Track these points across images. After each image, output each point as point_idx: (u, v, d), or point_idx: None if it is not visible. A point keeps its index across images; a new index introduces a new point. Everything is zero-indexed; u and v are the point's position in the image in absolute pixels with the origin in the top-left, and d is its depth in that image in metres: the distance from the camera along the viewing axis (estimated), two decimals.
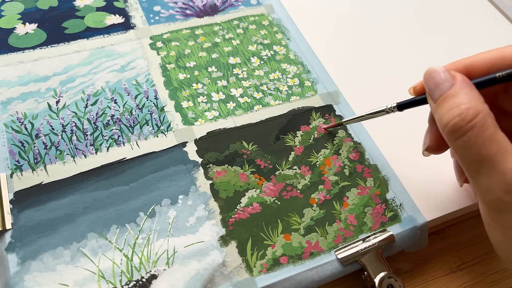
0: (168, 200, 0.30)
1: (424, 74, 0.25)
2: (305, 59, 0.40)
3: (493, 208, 0.22)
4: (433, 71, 0.24)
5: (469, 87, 0.23)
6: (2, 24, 0.39)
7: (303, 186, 0.32)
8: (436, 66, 0.24)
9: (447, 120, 0.22)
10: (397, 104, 0.28)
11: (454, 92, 0.22)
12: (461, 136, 0.22)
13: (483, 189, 0.22)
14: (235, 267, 0.28)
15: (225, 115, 0.35)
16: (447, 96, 0.23)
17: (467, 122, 0.21)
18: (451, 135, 0.22)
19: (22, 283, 0.26)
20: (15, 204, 0.29)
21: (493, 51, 0.24)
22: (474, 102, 0.22)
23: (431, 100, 0.24)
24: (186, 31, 0.41)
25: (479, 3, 0.47)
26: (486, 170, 0.21)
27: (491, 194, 0.21)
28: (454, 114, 0.22)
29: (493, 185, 0.21)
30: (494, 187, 0.21)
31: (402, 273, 0.31)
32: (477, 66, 0.24)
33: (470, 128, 0.21)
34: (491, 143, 0.21)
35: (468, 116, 0.21)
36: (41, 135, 0.32)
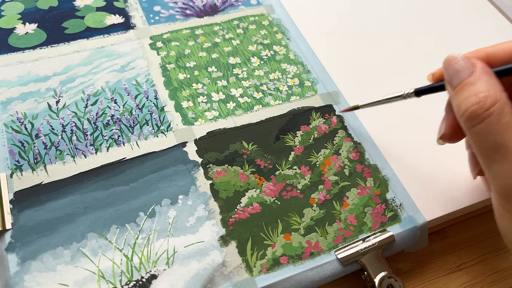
0: (168, 200, 0.30)
1: (444, 61, 0.25)
2: (305, 59, 0.40)
3: (505, 196, 0.22)
4: (453, 58, 0.24)
5: (488, 75, 0.23)
6: (2, 24, 0.39)
7: (303, 186, 0.32)
8: (456, 53, 0.24)
9: (465, 107, 0.22)
10: (415, 90, 0.28)
11: (473, 79, 0.23)
12: (478, 123, 0.22)
13: (496, 176, 0.22)
14: (235, 267, 0.28)
15: (225, 115, 0.35)
16: (466, 84, 0.23)
17: (485, 110, 0.21)
18: (468, 122, 0.22)
19: (22, 283, 0.26)
20: (15, 204, 0.29)
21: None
22: (492, 90, 0.22)
23: (450, 87, 0.24)
24: (186, 31, 0.41)
25: (479, 3, 0.47)
26: (500, 157, 0.21)
27: (503, 181, 0.21)
28: (473, 101, 0.22)
29: (506, 172, 0.21)
30: (506, 175, 0.21)
31: (402, 273, 0.31)
32: (498, 54, 0.24)
33: (487, 116, 0.21)
34: (507, 131, 0.21)
35: (486, 104, 0.21)
36: (41, 135, 0.32)
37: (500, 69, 0.24)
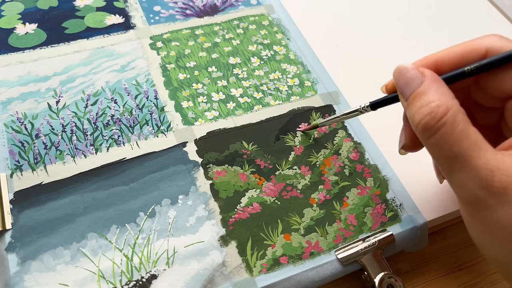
0: (168, 200, 0.30)
1: (394, 71, 0.24)
2: (305, 59, 0.40)
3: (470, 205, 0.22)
4: (402, 69, 0.24)
5: (438, 83, 0.22)
6: (2, 24, 0.39)
7: (303, 186, 0.32)
8: (405, 63, 0.24)
9: (418, 119, 0.22)
10: (370, 104, 0.28)
11: (423, 89, 0.22)
12: (432, 134, 0.21)
13: (458, 186, 0.22)
14: (235, 267, 0.28)
15: (225, 115, 0.35)
16: (417, 94, 0.22)
17: (438, 120, 0.21)
18: (423, 134, 0.22)
19: (22, 283, 0.26)
20: (15, 204, 0.29)
21: (462, 45, 0.24)
22: (444, 99, 0.22)
23: (403, 98, 0.24)
24: (186, 31, 0.41)
25: (479, 3, 0.47)
26: (459, 167, 0.21)
27: (466, 191, 0.21)
28: (425, 112, 0.22)
29: (467, 181, 0.21)
30: (468, 184, 0.21)
31: (402, 273, 0.31)
32: (446, 60, 0.24)
33: (441, 126, 0.21)
34: (462, 139, 0.21)
35: (438, 114, 0.21)
36: (41, 135, 0.32)
37: (448, 76, 0.23)
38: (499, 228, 0.20)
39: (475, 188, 0.20)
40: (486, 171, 0.20)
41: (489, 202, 0.20)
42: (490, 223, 0.21)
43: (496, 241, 0.21)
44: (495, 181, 0.20)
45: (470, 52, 0.24)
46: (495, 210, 0.20)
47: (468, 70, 0.23)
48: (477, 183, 0.20)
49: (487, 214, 0.21)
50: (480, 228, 0.22)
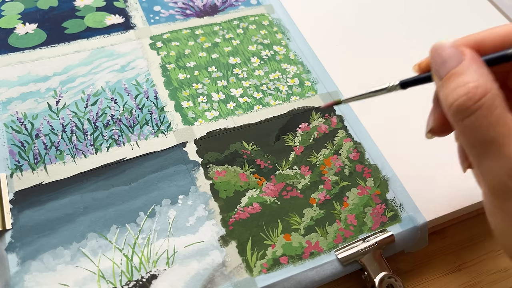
0: (168, 200, 0.30)
1: (431, 48, 0.23)
2: (305, 59, 0.40)
3: (496, 193, 0.21)
4: (440, 46, 0.22)
5: (478, 64, 0.21)
6: (2, 24, 0.39)
7: (303, 186, 0.32)
8: (444, 40, 0.23)
9: (453, 99, 0.21)
10: (400, 82, 0.26)
11: (462, 69, 0.21)
12: (467, 116, 0.20)
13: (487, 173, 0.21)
14: (235, 267, 0.28)
15: (225, 115, 0.35)
16: (454, 74, 0.21)
17: (475, 101, 0.20)
18: (457, 115, 0.21)
19: (22, 283, 0.26)
20: (15, 204, 0.29)
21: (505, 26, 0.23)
22: (483, 80, 0.20)
23: (437, 78, 0.23)
24: (186, 31, 0.41)
25: (479, 3, 0.47)
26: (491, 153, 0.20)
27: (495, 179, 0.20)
28: (461, 93, 0.20)
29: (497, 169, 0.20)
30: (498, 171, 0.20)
31: (402, 273, 0.31)
32: (488, 41, 0.23)
33: (478, 108, 0.20)
34: (499, 125, 0.20)
35: (477, 96, 0.20)
36: (41, 135, 0.32)
37: (490, 57, 0.22)
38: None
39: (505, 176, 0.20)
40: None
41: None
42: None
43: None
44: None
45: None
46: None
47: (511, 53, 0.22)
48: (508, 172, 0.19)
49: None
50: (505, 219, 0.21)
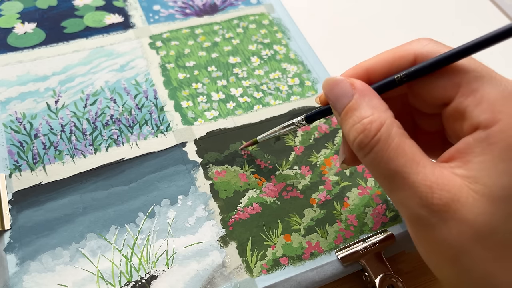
0: (167, 200, 0.30)
1: (323, 85, 0.23)
2: (305, 58, 0.40)
3: (413, 224, 0.20)
4: (331, 82, 0.22)
5: (369, 95, 0.21)
6: (1, 24, 0.39)
7: (303, 186, 0.32)
8: (335, 76, 0.23)
9: (353, 137, 0.21)
10: (305, 116, 0.27)
11: (355, 104, 0.21)
12: (368, 152, 0.20)
13: (400, 205, 0.20)
14: (235, 267, 0.28)
15: (225, 115, 0.35)
16: (349, 110, 0.21)
17: (371, 137, 0.20)
18: (358, 152, 0.21)
19: (21, 283, 0.26)
20: (14, 205, 0.29)
21: (391, 51, 0.23)
22: (376, 113, 0.20)
23: (336, 113, 0.23)
24: (185, 31, 0.40)
25: (480, 2, 0.47)
26: (398, 185, 0.20)
27: (407, 210, 0.20)
28: (358, 130, 0.20)
29: (407, 200, 0.19)
30: (408, 202, 0.19)
31: (403, 273, 0.31)
32: (377, 68, 0.23)
33: (375, 143, 0.20)
34: (398, 156, 0.19)
35: (372, 132, 0.20)
36: (40, 135, 0.32)
37: (379, 85, 0.22)
38: (445, 247, 0.19)
39: (416, 207, 0.19)
40: (425, 188, 0.19)
41: (431, 221, 0.19)
42: (435, 242, 0.19)
43: (443, 261, 0.20)
44: (435, 198, 0.19)
45: (399, 58, 0.22)
46: (438, 229, 0.19)
47: (398, 78, 0.22)
48: (417, 202, 0.19)
49: (431, 234, 0.19)
50: (426, 247, 0.21)
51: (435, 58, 0.21)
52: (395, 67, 0.22)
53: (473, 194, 0.18)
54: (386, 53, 0.23)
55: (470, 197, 0.18)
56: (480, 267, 0.19)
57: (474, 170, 0.19)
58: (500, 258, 0.18)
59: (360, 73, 0.23)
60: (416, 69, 0.21)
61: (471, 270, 0.19)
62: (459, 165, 0.19)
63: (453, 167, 0.19)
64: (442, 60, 0.21)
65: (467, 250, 0.19)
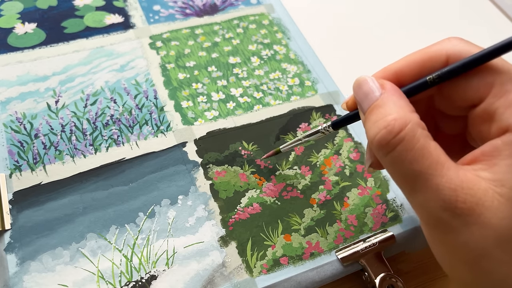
0: (167, 200, 0.30)
1: (353, 84, 0.23)
2: (305, 58, 0.40)
3: (433, 227, 0.20)
4: (362, 81, 0.22)
5: (397, 95, 0.21)
6: (1, 24, 0.39)
7: (303, 186, 0.32)
8: (365, 75, 0.22)
9: (374, 132, 0.20)
10: (332, 123, 0.26)
11: (381, 102, 0.21)
12: (390, 151, 0.20)
13: (420, 207, 0.20)
14: (235, 267, 0.28)
15: (225, 115, 0.35)
16: (374, 107, 0.21)
17: (395, 134, 0.20)
18: (379, 150, 0.20)
19: (21, 283, 0.26)
20: (14, 205, 0.29)
21: (420, 52, 0.23)
22: (402, 112, 0.20)
23: (362, 113, 0.22)
24: (185, 31, 0.40)
25: (480, 3, 0.47)
26: (420, 187, 0.19)
27: (428, 213, 0.19)
28: (380, 126, 0.20)
29: (429, 202, 0.19)
30: (430, 205, 0.19)
31: (403, 273, 0.31)
32: (406, 70, 0.23)
33: (399, 142, 0.19)
34: (423, 157, 0.19)
35: (395, 128, 0.19)
36: (40, 135, 0.32)
37: (409, 87, 0.22)
38: (466, 251, 0.19)
39: (438, 209, 0.19)
40: (449, 190, 0.18)
41: (454, 224, 0.19)
42: (456, 246, 0.19)
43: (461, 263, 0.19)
44: (459, 202, 0.18)
45: (429, 59, 0.22)
46: (460, 233, 0.19)
47: (430, 79, 0.21)
48: (440, 204, 0.19)
49: (452, 237, 0.19)
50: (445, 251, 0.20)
51: (469, 57, 0.21)
52: (427, 69, 0.22)
53: (498, 197, 0.18)
54: (416, 54, 0.23)
55: (495, 201, 0.18)
56: (501, 270, 0.18)
57: (500, 173, 0.19)
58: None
59: (389, 75, 0.23)
60: (449, 70, 0.21)
61: (491, 273, 0.19)
62: (484, 168, 0.19)
63: (477, 169, 0.19)
64: (476, 60, 0.20)
65: (488, 254, 0.18)
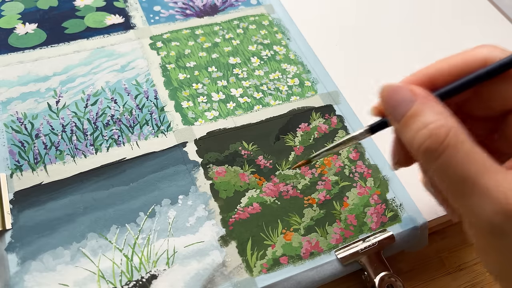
0: (168, 200, 0.30)
1: (381, 92, 0.22)
2: (305, 59, 0.40)
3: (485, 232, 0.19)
4: (390, 89, 0.22)
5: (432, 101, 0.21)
6: (2, 24, 0.39)
7: (303, 186, 0.32)
8: (393, 82, 0.22)
9: (419, 143, 0.20)
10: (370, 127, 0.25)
11: (417, 110, 0.21)
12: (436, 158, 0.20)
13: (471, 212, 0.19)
14: (235, 267, 0.28)
15: (225, 115, 0.35)
16: (411, 116, 0.21)
17: (440, 142, 0.19)
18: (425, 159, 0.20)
19: (22, 283, 0.26)
20: (15, 204, 0.29)
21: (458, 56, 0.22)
22: (442, 118, 0.20)
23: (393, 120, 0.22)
24: (186, 31, 0.41)
25: (479, 3, 0.47)
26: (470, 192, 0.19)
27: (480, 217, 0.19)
28: (425, 136, 0.20)
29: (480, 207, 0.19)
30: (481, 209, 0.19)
31: (402, 273, 0.31)
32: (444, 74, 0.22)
33: (444, 149, 0.19)
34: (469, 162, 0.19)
35: (441, 136, 0.19)
36: (41, 135, 0.32)
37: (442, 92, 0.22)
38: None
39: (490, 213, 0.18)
40: (500, 193, 0.18)
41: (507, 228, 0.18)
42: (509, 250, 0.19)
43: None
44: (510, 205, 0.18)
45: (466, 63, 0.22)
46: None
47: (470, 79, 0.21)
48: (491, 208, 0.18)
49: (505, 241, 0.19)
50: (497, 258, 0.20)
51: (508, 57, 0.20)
52: (463, 73, 0.22)
53: None
54: (453, 58, 0.23)
55: None
56: None
57: None
58: None
59: (422, 79, 0.23)
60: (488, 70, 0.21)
61: None
62: None
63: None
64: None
65: None
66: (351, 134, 0.26)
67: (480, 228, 0.20)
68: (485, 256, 0.21)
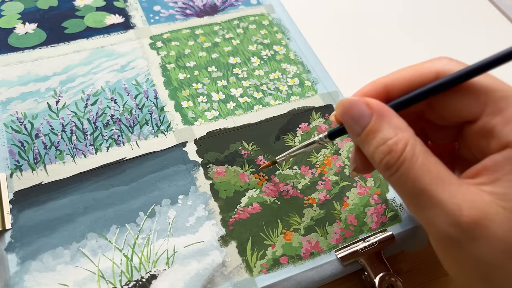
0: (168, 200, 0.30)
1: (337, 106, 0.23)
2: (305, 59, 0.40)
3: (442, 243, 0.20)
4: (347, 104, 0.22)
5: (388, 115, 0.21)
6: (2, 24, 0.39)
7: (303, 186, 0.32)
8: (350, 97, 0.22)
9: (379, 159, 0.21)
10: (328, 133, 0.26)
11: (376, 126, 0.21)
12: (394, 173, 0.20)
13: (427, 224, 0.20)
14: (235, 267, 0.28)
15: (225, 115, 0.35)
16: (370, 131, 0.21)
17: (397, 158, 0.20)
18: (385, 173, 0.21)
19: (22, 283, 0.26)
20: (14, 204, 0.29)
21: (411, 68, 0.23)
22: (400, 133, 0.20)
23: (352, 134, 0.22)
24: (186, 31, 0.41)
25: (479, 3, 0.47)
26: (425, 204, 0.19)
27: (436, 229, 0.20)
28: (385, 152, 0.20)
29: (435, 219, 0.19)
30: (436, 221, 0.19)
31: (402, 273, 0.31)
32: (396, 85, 0.23)
33: (401, 164, 0.20)
34: (424, 174, 0.19)
35: (398, 152, 0.20)
36: (41, 135, 0.32)
37: (396, 102, 0.22)
38: (476, 265, 0.19)
39: (444, 225, 0.19)
40: (453, 205, 0.19)
41: (461, 239, 0.19)
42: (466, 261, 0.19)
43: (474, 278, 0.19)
44: (464, 216, 0.18)
45: (420, 76, 0.22)
46: (468, 247, 0.19)
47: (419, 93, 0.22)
48: (445, 220, 0.19)
49: (461, 252, 0.19)
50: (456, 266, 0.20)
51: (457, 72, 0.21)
52: (416, 84, 0.22)
53: (503, 211, 0.18)
54: (407, 70, 0.23)
55: (499, 214, 0.18)
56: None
57: (504, 188, 0.19)
58: None
59: (378, 89, 0.23)
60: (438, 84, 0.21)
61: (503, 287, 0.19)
62: (487, 182, 0.19)
63: (480, 183, 0.19)
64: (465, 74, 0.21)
65: (499, 267, 0.18)
66: (311, 139, 0.27)
67: (438, 239, 0.20)
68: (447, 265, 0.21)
